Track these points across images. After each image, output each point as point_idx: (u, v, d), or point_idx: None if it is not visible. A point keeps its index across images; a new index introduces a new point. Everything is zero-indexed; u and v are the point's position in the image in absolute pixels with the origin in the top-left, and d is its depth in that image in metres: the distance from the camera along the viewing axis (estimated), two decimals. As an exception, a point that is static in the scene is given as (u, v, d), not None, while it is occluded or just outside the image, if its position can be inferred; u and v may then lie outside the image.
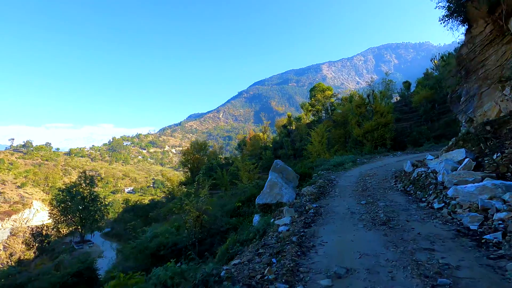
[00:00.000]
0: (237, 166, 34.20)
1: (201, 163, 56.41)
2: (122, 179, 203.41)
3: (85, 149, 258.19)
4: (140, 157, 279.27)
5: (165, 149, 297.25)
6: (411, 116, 46.30)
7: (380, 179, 11.28)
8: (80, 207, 34.69)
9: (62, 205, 34.37)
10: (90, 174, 39.99)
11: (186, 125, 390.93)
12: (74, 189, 36.13)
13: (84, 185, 36.59)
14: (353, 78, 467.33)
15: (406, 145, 23.20)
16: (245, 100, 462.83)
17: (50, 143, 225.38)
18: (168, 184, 57.55)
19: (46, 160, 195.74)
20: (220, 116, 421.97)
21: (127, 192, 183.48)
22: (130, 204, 55.95)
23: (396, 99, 58.22)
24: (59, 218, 34.17)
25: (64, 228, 34.35)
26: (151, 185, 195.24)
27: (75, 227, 35.02)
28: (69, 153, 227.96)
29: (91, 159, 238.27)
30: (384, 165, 14.68)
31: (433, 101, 38.57)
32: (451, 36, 49.55)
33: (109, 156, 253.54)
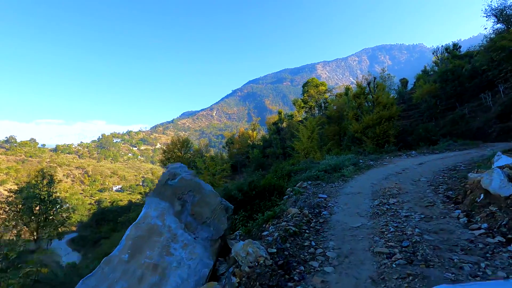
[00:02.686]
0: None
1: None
2: (110, 177, 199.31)
3: (73, 146, 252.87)
4: (130, 154, 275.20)
5: (157, 146, 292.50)
6: (411, 113, 42.85)
7: (414, 200, 6.51)
8: (35, 212, 29.84)
9: (12, 208, 29.44)
10: (49, 172, 34.86)
11: (179, 122, 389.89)
12: (32, 190, 31.26)
13: (41, 185, 31.64)
14: (347, 78, 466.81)
15: (418, 143, 19.05)
16: (239, 98, 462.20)
17: (35, 139, 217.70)
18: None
19: (30, 157, 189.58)
20: (214, 114, 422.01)
21: (115, 191, 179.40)
22: (102, 206, 50.97)
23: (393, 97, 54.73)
24: (9, 223, 29.26)
25: (14, 235, 29.40)
26: (141, 184, 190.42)
27: (29, 234, 30.16)
28: (55, 149, 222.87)
29: (79, 156, 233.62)
30: (403, 170, 10.54)
31: (436, 97, 34.96)
32: (446, 38, 47.47)
33: (97, 153, 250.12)
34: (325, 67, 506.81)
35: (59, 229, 31.83)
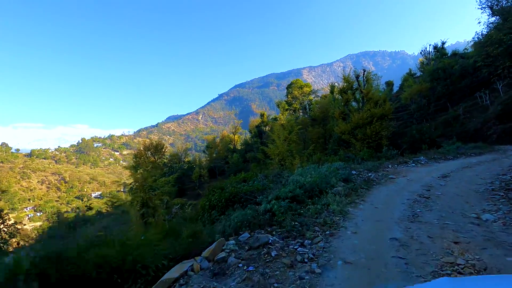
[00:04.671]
0: None
1: (156, 168, 47.53)
2: (89, 183, 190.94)
3: (49, 151, 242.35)
4: (111, 159, 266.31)
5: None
6: (399, 115, 40.80)
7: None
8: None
9: None
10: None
11: (163, 126, 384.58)
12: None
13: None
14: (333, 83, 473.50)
15: (421, 146, 15.95)
16: (226, 102, 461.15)
17: (7, 143, 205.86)
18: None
19: (1, 162, 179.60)
20: (200, 118, 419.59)
21: (94, 197, 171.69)
22: (61, 218, 45.69)
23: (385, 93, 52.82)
24: None
25: None
26: (122, 190, 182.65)
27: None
28: (30, 154, 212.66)
29: (56, 161, 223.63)
30: (427, 190, 7.26)
31: (426, 97, 32.76)
32: (421, 46, 46.08)
33: (76, 158, 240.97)
34: (310, 72, 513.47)
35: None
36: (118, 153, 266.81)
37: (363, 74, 18.57)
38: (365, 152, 13.30)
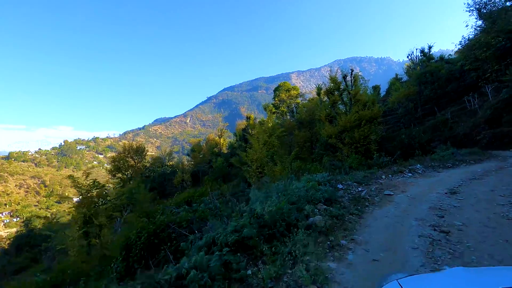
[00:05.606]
0: None
1: (137, 172, 45.20)
2: (71, 187, 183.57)
3: (29, 153, 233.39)
4: (95, 162, 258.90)
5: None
6: (386, 119, 40.35)
7: None
8: None
9: None
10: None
11: (150, 129, 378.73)
12: None
13: None
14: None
15: (414, 152, 14.68)
16: (214, 105, 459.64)
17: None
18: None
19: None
20: (188, 121, 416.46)
21: (76, 202, 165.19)
22: (32, 225, 42.56)
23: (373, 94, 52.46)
24: None
25: None
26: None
27: None
28: (8, 157, 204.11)
29: (35, 164, 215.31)
30: (440, 217, 5.58)
31: (414, 101, 32.25)
32: (407, 52, 46.54)
33: (57, 161, 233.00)
34: (299, 76, 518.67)
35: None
36: (102, 156, 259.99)
37: (351, 74, 17.43)
38: (354, 159, 11.91)
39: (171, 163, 60.65)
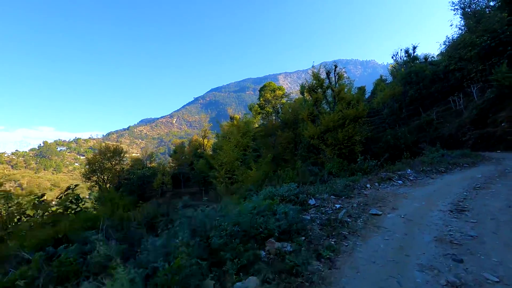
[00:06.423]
0: None
1: (114, 175, 42.80)
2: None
3: (5, 155, 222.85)
4: (76, 164, 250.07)
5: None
6: (371, 120, 39.96)
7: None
8: None
9: None
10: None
11: (135, 130, 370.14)
12: None
13: None
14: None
15: (402, 154, 13.56)
16: (201, 106, 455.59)
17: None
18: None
19: None
20: (174, 121, 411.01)
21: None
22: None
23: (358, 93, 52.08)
24: None
25: None
26: (88, 197, 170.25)
27: None
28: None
29: (12, 166, 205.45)
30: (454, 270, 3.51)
31: (399, 101, 31.80)
32: (391, 56, 46.50)
33: (36, 163, 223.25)
34: (286, 78, 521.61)
35: None
36: (84, 157, 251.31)
37: (334, 71, 16.34)
38: (335, 164, 10.62)
39: (153, 165, 58.32)
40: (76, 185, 11.79)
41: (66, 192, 11.08)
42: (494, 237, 4.22)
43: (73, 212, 9.52)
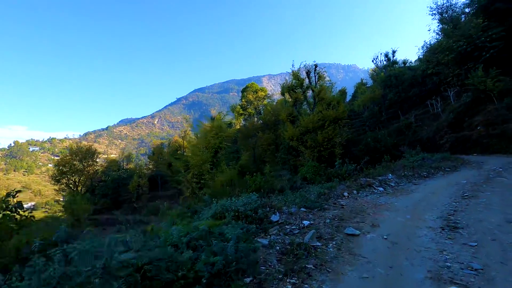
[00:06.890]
0: None
1: (86, 177, 40.40)
2: (21, 192, 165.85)
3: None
4: (50, 165, 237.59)
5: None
6: (351, 123, 40.23)
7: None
8: None
9: None
10: None
11: (115, 130, 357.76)
12: None
13: None
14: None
15: (383, 157, 13.08)
16: (184, 106, 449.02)
17: None
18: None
19: None
20: (155, 122, 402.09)
21: (27, 209, 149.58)
22: None
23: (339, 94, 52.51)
24: None
25: None
26: (62, 199, 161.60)
27: None
28: None
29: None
30: None
31: (379, 104, 32.07)
32: (372, 59, 47.24)
33: (5, 164, 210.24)
34: (270, 80, 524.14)
35: None
36: (59, 158, 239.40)
37: (314, 70, 15.82)
38: (309, 168, 9.86)
39: (130, 166, 55.92)
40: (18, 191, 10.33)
41: None
42: (503, 270, 3.30)
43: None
